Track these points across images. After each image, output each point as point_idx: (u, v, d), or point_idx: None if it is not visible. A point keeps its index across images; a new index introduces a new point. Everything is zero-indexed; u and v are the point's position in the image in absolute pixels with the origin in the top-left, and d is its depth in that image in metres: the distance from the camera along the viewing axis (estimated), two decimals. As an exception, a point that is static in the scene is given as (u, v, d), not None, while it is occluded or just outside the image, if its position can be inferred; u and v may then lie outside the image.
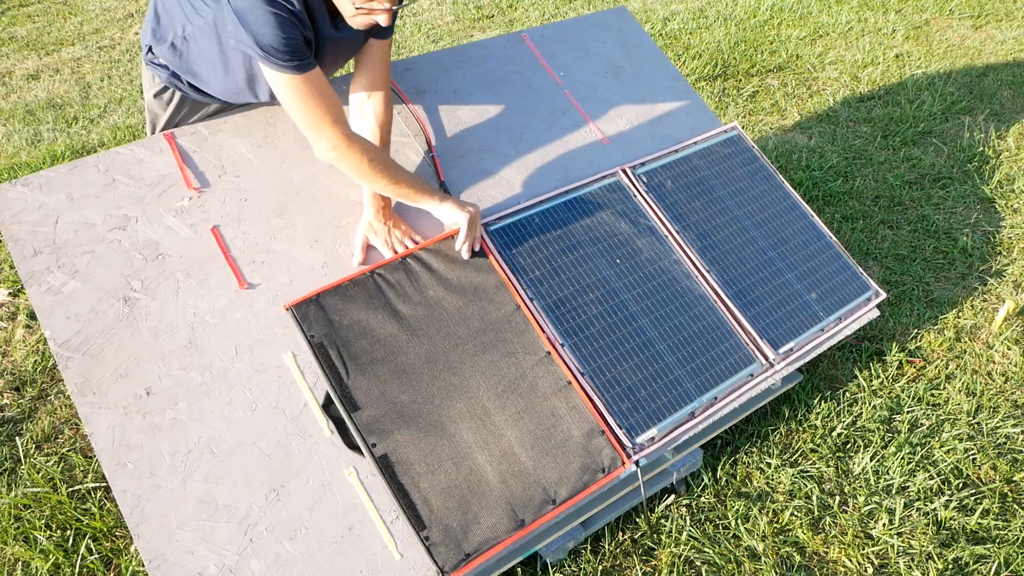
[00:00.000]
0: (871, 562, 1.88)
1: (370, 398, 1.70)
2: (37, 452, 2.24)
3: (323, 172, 2.00)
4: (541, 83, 2.38)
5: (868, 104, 3.96)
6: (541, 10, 5.44)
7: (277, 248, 1.87)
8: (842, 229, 3.03)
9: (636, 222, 2.16)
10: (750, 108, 3.99)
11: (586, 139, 2.31)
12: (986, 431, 2.21)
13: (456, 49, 2.38)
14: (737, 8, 5.23)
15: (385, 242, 1.87)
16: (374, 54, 1.87)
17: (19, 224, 1.74)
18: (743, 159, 2.41)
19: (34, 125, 4.20)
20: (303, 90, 1.66)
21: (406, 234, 1.90)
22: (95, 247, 1.76)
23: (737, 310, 2.10)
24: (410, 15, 5.52)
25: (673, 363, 1.97)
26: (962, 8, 5.10)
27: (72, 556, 1.93)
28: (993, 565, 1.85)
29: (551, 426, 1.76)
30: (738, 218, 2.28)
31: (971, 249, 2.90)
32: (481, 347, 1.82)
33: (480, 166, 2.15)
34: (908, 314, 2.62)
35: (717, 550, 1.90)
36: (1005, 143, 3.55)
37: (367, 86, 1.88)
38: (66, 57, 5.17)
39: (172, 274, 1.77)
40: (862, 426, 2.22)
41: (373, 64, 1.87)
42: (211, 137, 1.97)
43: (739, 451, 2.15)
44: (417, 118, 2.17)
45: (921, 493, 2.04)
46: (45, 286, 1.69)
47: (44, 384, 2.47)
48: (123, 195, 1.83)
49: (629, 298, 2.02)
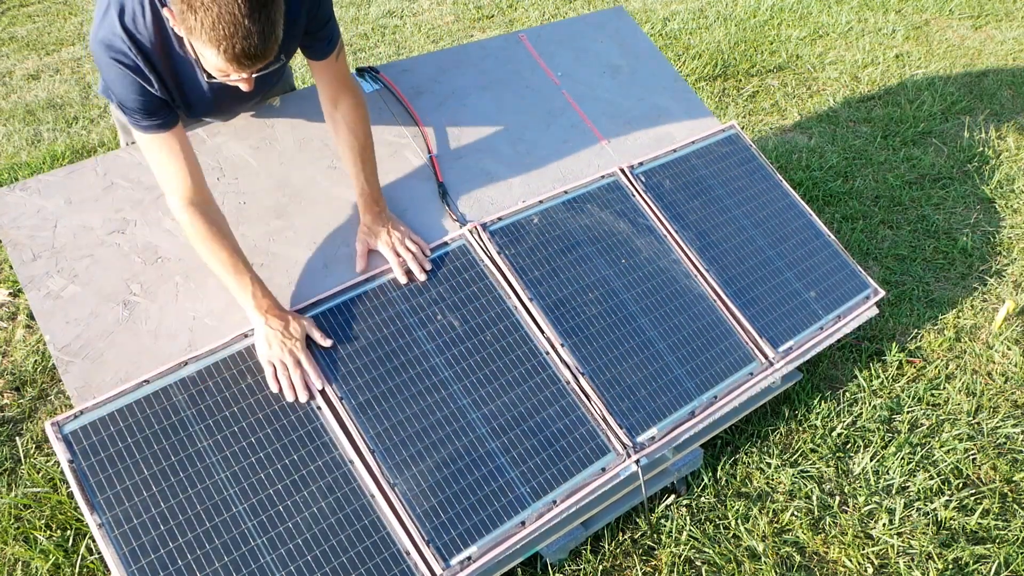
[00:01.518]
0: (871, 562, 1.89)
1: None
2: (37, 452, 2.24)
3: (322, 174, 2.00)
4: (539, 83, 2.38)
5: (868, 104, 3.96)
6: (541, 10, 5.44)
7: (276, 250, 1.87)
8: (842, 229, 3.03)
9: (635, 222, 2.16)
10: (750, 108, 3.99)
11: (584, 139, 2.31)
12: (986, 431, 2.21)
13: (454, 50, 2.38)
14: (737, 8, 5.22)
15: (385, 243, 1.87)
16: (322, 72, 1.81)
17: (18, 228, 1.74)
18: (741, 158, 2.41)
19: (34, 125, 4.21)
20: (157, 150, 1.62)
21: (405, 235, 1.90)
22: (94, 251, 1.76)
23: (736, 309, 2.10)
24: (410, 15, 5.52)
25: (673, 362, 1.97)
26: (962, 8, 5.09)
27: (72, 556, 1.93)
28: (993, 565, 1.85)
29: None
30: (736, 217, 2.28)
31: (971, 249, 2.90)
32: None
33: (479, 166, 2.15)
34: (908, 314, 2.62)
35: (717, 550, 1.90)
36: (1005, 143, 3.55)
37: (329, 100, 1.85)
38: (66, 57, 5.18)
39: (171, 277, 1.77)
40: (862, 426, 2.22)
41: (326, 80, 1.82)
42: (209, 140, 1.97)
43: (739, 451, 2.15)
44: (416, 118, 2.17)
45: (921, 493, 2.04)
46: (44, 290, 1.69)
47: (44, 384, 2.48)
48: (122, 198, 1.83)
49: (628, 298, 2.02)
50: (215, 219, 1.68)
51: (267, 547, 1.52)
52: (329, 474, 1.61)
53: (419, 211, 2.02)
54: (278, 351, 1.66)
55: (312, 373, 1.68)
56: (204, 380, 1.64)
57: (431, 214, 2.02)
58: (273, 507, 1.55)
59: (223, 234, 1.67)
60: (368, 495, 1.61)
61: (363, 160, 1.87)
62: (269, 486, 1.57)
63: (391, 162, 2.08)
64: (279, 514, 1.55)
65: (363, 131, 1.87)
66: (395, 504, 1.61)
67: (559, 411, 1.82)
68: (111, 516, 1.48)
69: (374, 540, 1.57)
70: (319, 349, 1.73)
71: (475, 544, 1.62)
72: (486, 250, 1.97)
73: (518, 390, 1.81)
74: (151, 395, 1.60)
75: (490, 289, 1.93)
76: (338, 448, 1.64)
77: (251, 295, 1.67)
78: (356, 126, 1.85)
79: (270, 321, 1.66)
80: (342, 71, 1.83)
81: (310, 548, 1.54)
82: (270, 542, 1.52)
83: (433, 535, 1.61)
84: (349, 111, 1.84)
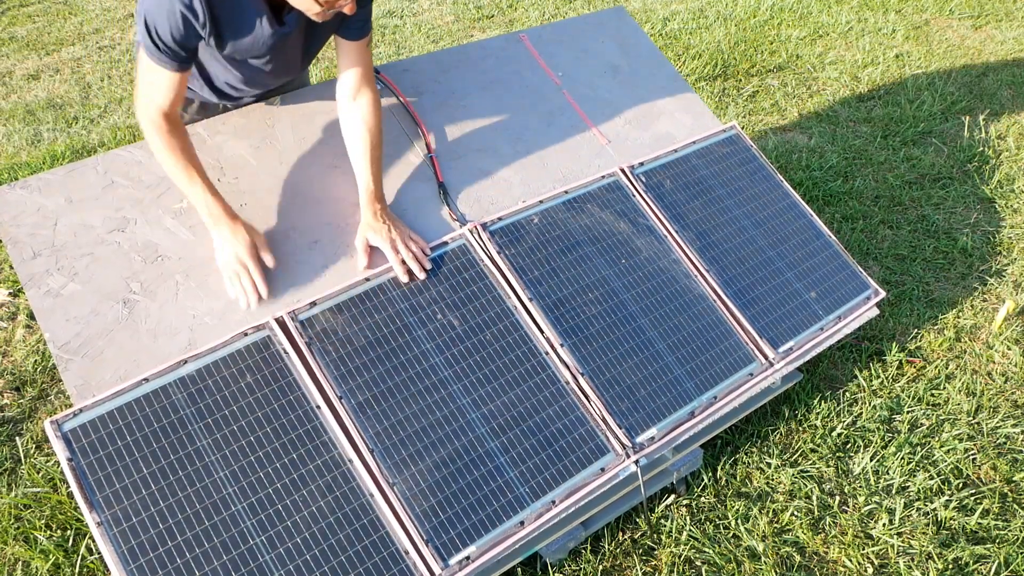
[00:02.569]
0: (871, 562, 1.88)
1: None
2: (37, 452, 2.24)
3: (322, 174, 2.00)
4: (540, 83, 2.38)
5: (868, 104, 3.96)
6: (541, 10, 5.44)
7: (276, 250, 1.87)
8: (842, 229, 3.03)
9: (635, 222, 2.16)
10: (750, 108, 3.99)
11: (585, 139, 2.31)
12: (986, 431, 2.20)
13: (454, 49, 2.38)
14: (737, 8, 5.23)
15: (387, 240, 1.87)
16: (351, 56, 1.86)
17: (18, 227, 1.74)
18: (742, 158, 2.41)
19: (34, 125, 4.21)
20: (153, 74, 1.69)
21: (405, 234, 1.90)
22: (94, 249, 1.76)
23: (736, 309, 2.10)
24: (410, 15, 5.52)
25: (672, 362, 1.97)
26: (962, 8, 5.09)
27: (72, 556, 1.93)
28: (993, 565, 1.84)
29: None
30: (737, 217, 2.28)
31: (971, 249, 2.90)
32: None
33: (479, 166, 2.15)
34: (908, 314, 2.62)
35: (717, 550, 1.90)
36: (1005, 143, 3.55)
37: (349, 90, 1.88)
38: (66, 57, 5.18)
39: (171, 276, 1.77)
40: (862, 426, 2.22)
41: (352, 67, 1.86)
42: (210, 139, 1.97)
43: (739, 451, 2.15)
44: (416, 118, 2.17)
45: (921, 493, 2.04)
46: (44, 288, 1.69)
47: (44, 384, 2.48)
48: (122, 197, 1.83)
49: (628, 298, 2.02)
50: (181, 135, 1.75)
51: (266, 546, 1.52)
52: (328, 473, 1.61)
53: (419, 211, 2.02)
54: (225, 256, 1.76)
55: (258, 278, 1.76)
56: (203, 379, 1.64)
57: (431, 214, 2.02)
58: (272, 506, 1.55)
59: (184, 147, 1.74)
60: (367, 494, 1.61)
61: (372, 158, 1.89)
62: (268, 485, 1.57)
63: (391, 162, 2.08)
64: (278, 513, 1.55)
65: (377, 129, 1.90)
66: (394, 503, 1.61)
67: (558, 411, 1.82)
68: (110, 514, 1.48)
69: (373, 539, 1.57)
70: (321, 349, 1.73)
71: (474, 544, 1.62)
72: (486, 250, 1.97)
73: (517, 390, 1.81)
74: (150, 393, 1.60)
75: (490, 289, 1.92)
76: (337, 447, 1.64)
77: (204, 203, 1.74)
78: (371, 123, 1.89)
79: (220, 228, 1.76)
80: (368, 62, 1.88)
81: (309, 547, 1.54)
82: (269, 541, 1.52)
83: (432, 534, 1.61)
84: (367, 106, 1.88)
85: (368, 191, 1.88)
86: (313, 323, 1.76)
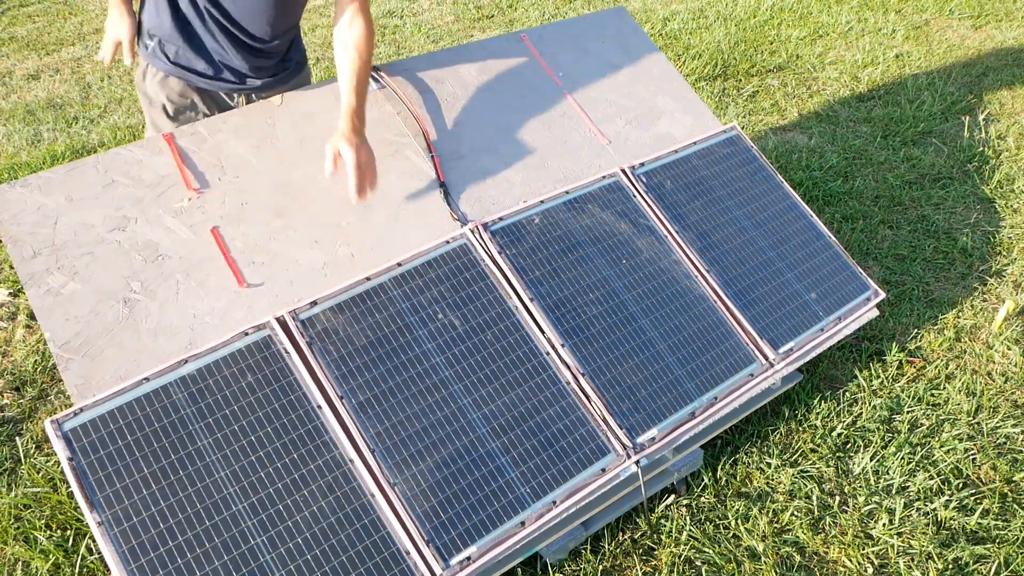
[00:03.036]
0: (871, 562, 1.88)
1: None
2: (37, 452, 2.24)
3: (322, 173, 2.00)
4: (540, 83, 2.38)
5: (868, 104, 3.96)
6: (541, 10, 5.44)
7: (277, 249, 1.87)
8: (842, 229, 3.03)
9: (636, 222, 2.16)
10: (750, 108, 3.99)
11: (585, 139, 2.31)
12: (986, 431, 2.20)
13: (455, 49, 2.38)
14: (737, 8, 5.23)
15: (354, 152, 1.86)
16: None
17: (18, 225, 1.74)
18: (742, 159, 2.41)
19: (34, 125, 4.20)
20: None
21: (371, 159, 1.91)
22: (94, 248, 1.76)
23: (737, 310, 2.10)
24: (410, 15, 5.52)
25: (673, 363, 1.97)
26: (962, 8, 5.09)
27: (72, 556, 1.93)
28: (993, 565, 1.84)
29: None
30: (737, 218, 2.28)
31: (971, 249, 2.90)
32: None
33: (479, 166, 2.15)
34: (908, 314, 2.62)
35: (717, 550, 1.90)
36: (1005, 143, 3.55)
37: (346, 20, 1.94)
38: (66, 57, 5.17)
39: (172, 275, 1.77)
40: (862, 426, 2.22)
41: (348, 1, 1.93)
42: (210, 138, 1.97)
43: (739, 451, 2.15)
44: (417, 118, 2.17)
45: (921, 493, 2.04)
46: (45, 287, 1.69)
47: (44, 384, 2.47)
48: (122, 196, 1.83)
49: (629, 298, 2.02)
50: None
51: (266, 546, 1.52)
52: (329, 473, 1.61)
53: (420, 210, 2.02)
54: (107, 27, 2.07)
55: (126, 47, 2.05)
56: (204, 378, 1.64)
57: (432, 213, 2.02)
58: (273, 506, 1.55)
59: None
60: (368, 494, 1.61)
61: (358, 78, 1.94)
62: (269, 485, 1.57)
63: (392, 161, 2.08)
64: (279, 513, 1.55)
65: (367, 53, 1.95)
66: (395, 504, 1.61)
67: (559, 411, 1.82)
68: (110, 514, 1.48)
69: (374, 539, 1.57)
70: (322, 348, 1.73)
71: (475, 544, 1.62)
72: (487, 250, 1.97)
73: (518, 390, 1.81)
74: (151, 393, 1.60)
75: (491, 289, 1.92)
76: (338, 447, 1.64)
77: None
78: (362, 48, 1.95)
79: (110, 11, 2.05)
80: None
81: (310, 547, 1.54)
82: (270, 541, 1.52)
83: (433, 535, 1.61)
84: (360, 33, 1.94)
85: (350, 107, 1.90)
86: (314, 323, 1.75)
